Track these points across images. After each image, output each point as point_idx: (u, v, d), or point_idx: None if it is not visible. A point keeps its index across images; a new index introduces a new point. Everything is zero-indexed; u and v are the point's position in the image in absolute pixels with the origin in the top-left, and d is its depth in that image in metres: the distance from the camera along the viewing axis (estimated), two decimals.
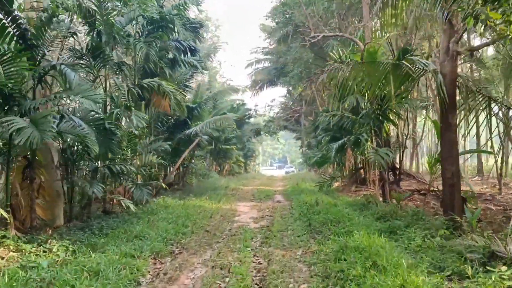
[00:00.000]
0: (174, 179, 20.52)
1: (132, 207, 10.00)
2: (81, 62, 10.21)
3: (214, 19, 56.41)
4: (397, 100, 9.43)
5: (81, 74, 11.90)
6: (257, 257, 7.44)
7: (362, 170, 17.25)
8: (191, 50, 17.72)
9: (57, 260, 6.76)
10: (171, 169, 18.28)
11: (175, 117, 18.43)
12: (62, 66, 8.07)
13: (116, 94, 13.03)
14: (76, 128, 8.26)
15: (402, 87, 8.89)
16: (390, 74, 7.90)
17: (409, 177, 17.78)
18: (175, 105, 14.83)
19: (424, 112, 21.96)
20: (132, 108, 11.30)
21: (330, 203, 12.27)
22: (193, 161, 23.80)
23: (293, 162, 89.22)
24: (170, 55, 16.60)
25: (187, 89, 19.54)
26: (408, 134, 16.09)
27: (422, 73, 7.98)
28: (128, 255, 7.31)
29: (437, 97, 8.10)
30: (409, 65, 7.75)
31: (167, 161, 18.99)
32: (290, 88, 38.59)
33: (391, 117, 12.02)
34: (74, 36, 10.11)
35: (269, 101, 45.59)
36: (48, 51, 9.44)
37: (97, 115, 9.34)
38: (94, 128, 9.11)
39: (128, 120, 11.22)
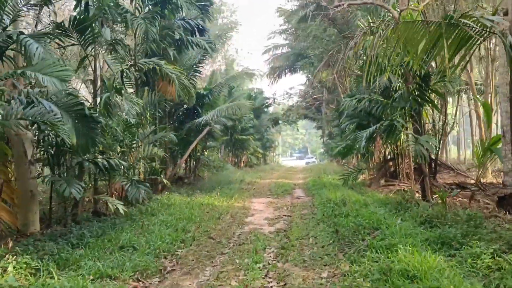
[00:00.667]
0: (185, 173, 18.92)
1: (121, 208, 8.35)
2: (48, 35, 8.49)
3: (230, 3, 54.19)
4: (451, 72, 7.46)
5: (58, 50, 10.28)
6: (269, 278, 5.69)
7: (392, 162, 15.28)
8: (199, 30, 15.95)
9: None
10: (179, 161, 16.62)
11: (185, 105, 16.75)
12: (22, 37, 6.40)
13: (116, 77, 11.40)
14: (46, 114, 6.60)
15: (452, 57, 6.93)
16: (442, 38, 5.98)
17: (446, 168, 15.71)
18: (180, 90, 13.10)
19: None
20: (124, 92, 9.60)
21: (359, 202, 10.42)
22: (205, 152, 22.18)
23: (314, 152, 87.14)
24: (176, 36, 14.86)
25: (197, 74, 17.81)
26: (445, 119, 14.04)
27: (485, 35, 6.02)
28: (104, 274, 5.69)
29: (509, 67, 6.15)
30: (469, 25, 5.82)
31: (177, 153, 17.39)
32: (310, 76, 36.57)
33: (430, 98, 10.04)
34: (50, 6, 8.42)
35: (288, 88, 43.63)
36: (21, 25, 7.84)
37: (74, 98, 7.66)
38: (72, 115, 7.47)
39: (119, 106, 9.54)
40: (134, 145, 11.40)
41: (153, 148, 11.38)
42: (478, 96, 19.26)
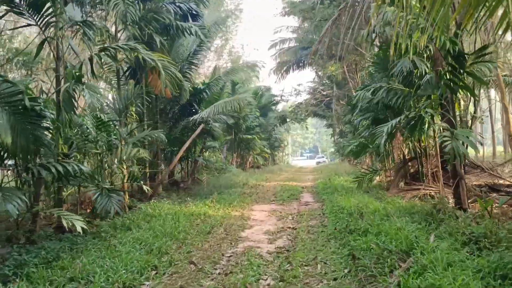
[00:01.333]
0: (181, 176, 17.21)
1: (79, 225, 6.59)
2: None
3: None
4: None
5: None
6: None
7: (413, 162, 13.39)
8: (193, 16, 14.24)
9: None
10: (171, 164, 14.87)
11: (181, 102, 15.02)
12: None
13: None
14: None
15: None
16: None
17: (475, 168, 13.76)
18: (168, 83, 11.36)
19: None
20: (85, 82, 7.87)
21: (379, 212, 8.57)
22: (205, 153, 20.47)
23: (324, 151, 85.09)
24: (166, 21, 13.11)
25: (193, 67, 16.07)
26: (475, 110, 12.09)
27: None
28: None
29: None
30: None
31: (171, 154, 15.68)
32: (319, 72, 34.71)
33: (465, 83, 8.13)
34: None
35: (296, 85, 41.74)
36: None
37: (12, 87, 5.93)
38: (6, 107, 5.76)
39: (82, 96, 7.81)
40: (111, 146, 9.67)
41: (134, 149, 9.59)
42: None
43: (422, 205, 9.05)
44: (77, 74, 7.27)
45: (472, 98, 11.11)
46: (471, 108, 12.63)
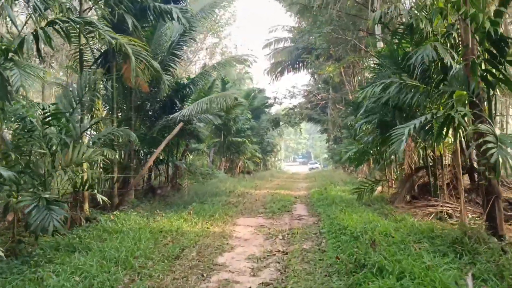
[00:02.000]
0: (159, 182, 15.40)
1: None
2: None
3: None
4: None
5: None
6: None
7: (422, 172, 11.71)
8: None
9: None
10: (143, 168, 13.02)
11: (160, 97, 13.24)
12: None
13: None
14: None
15: None
16: None
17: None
18: (140, 72, 9.63)
19: None
20: (19, 61, 6.05)
21: (391, 234, 6.85)
22: (189, 157, 18.67)
23: (318, 157, 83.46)
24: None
25: (176, 59, 14.30)
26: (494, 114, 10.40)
27: None
28: None
29: None
30: None
31: (145, 156, 13.87)
32: (315, 73, 33.05)
33: (507, 75, 6.43)
34: None
35: (291, 87, 40.03)
36: None
37: None
38: None
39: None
40: (64, 145, 7.85)
41: (90, 149, 7.75)
42: None
43: (442, 227, 7.33)
44: (4, 47, 5.47)
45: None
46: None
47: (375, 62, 13.59)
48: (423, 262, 4.97)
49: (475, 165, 9.78)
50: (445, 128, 6.44)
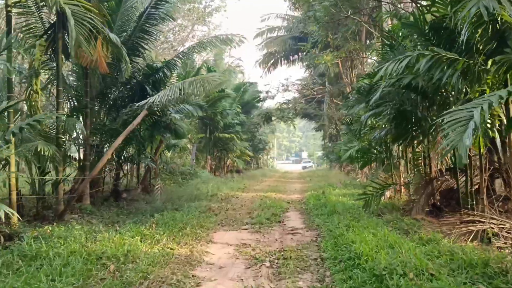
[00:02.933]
0: (128, 183, 13.04)
1: None
2: None
3: None
4: None
5: None
6: None
7: (445, 176, 9.45)
8: None
9: None
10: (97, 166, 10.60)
11: (120, 80, 10.87)
12: None
13: None
14: None
15: None
16: None
17: None
18: (84, 41, 7.25)
19: None
20: None
21: (429, 271, 4.57)
22: (166, 154, 16.31)
23: (311, 156, 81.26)
24: None
25: (146, 37, 11.94)
26: None
27: None
28: None
29: None
30: None
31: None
32: (311, 69, 30.75)
33: None
34: None
35: (284, 79, 37.72)
36: None
37: None
38: None
39: None
40: None
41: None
42: None
43: (499, 257, 5.03)
44: None
45: None
46: None
47: (384, 43, 11.28)
48: None
49: None
50: None
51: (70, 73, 12.51)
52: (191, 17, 29.69)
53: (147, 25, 11.70)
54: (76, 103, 11.32)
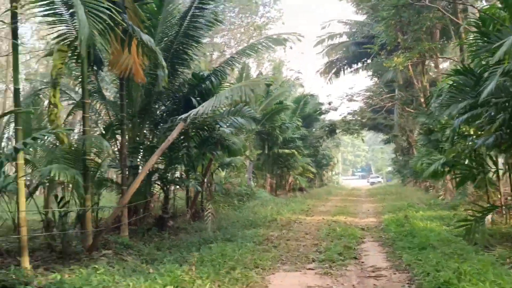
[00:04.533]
0: (175, 209, 11.57)
1: None
2: None
3: None
4: None
5: None
6: None
7: None
8: None
9: None
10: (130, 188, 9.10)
11: (157, 89, 9.43)
12: None
13: None
14: None
15: None
16: None
17: None
18: (101, 40, 5.81)
19: None
20: None
21: None
22: (220, 173, 14.78)
23: (380, 171, 77.15)
24: None
25: (193, 44, 10.51)
26: None
27: None
28: None
29: None
30: None
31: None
32: (378, 77, 28.29)
33: None
34: None
35: (348, 88, 35.45)
36: None
37: None
38: None
39: None
40: None
41: None
42: None
43: None
44: None
45: None
46: None
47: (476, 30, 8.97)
48: None
49: None
50: None
51: (111, 86, 11.34)
52: (248, 32, 28.57)
53: (192, 29, 10.27)
54: (116, 120, 10.06)
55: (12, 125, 8.92)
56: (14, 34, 6.01)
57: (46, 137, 5.68)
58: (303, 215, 14.34)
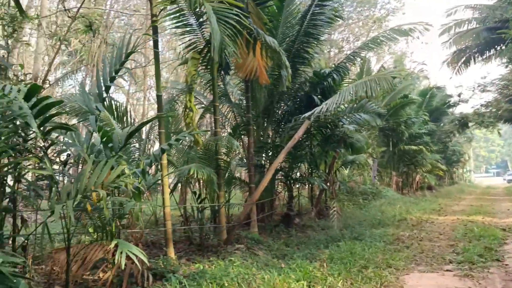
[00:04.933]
0: (300, 207, 11.72)
1: None
2: None
3: None
4: None
5: None
6: None
7: None
8: None
9: None
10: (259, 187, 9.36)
11: (280, 89, 9.63)
12: None
13: None
14: None
15: None
16: None
17: None
18: (229, 41, 6.13)
19: None
20: None
21: None
22: (343, 171, 14.59)
23: None
24: None
25: (313, 42, 10.58)
26: None
27: None
28: None
29: None
30: None
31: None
32: None
33: None
34: None
35: (481, 78, 32.42)
36: None
37: None
38: None
39: None
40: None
41: (119, 167, 4.46)
42: None
43: None
44: None
45: None
46: None
47: None
48: None
49: None
50: None
51: (238, 90, 11.90)
52: (366, 26, 27.83)
53: (312, 27, 10.32)
54: (241, 121, 10.55)
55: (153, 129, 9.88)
56: (155, 46, 6.64)
57: (185, 139, 6.12)
58: (435, 215, 13.49)
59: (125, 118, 8.95)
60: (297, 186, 11.83)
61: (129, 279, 5.51)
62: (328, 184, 11.74)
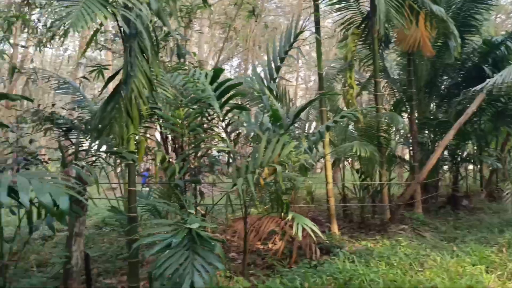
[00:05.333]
0: (467, 189, 10.84)
1: None
2: None
3: None
4: None
5: None
6: None
7: None
8: None
9: None
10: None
11: (447, 60, 8.91)
12: None
13: None
14: None
15: None
16: None
17: None
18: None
19: None
20: None
21: None
22: None
23: None
24: None
25: (481, 7, 9.56)
26: None
27: None
28: None
29: None
30: None
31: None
32: None
33: None
34: None
35: None
36: None
37: None
38: None
39: None
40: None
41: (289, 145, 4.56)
42: None
43: None
44: None
45: None
46: None
47: None
48: None
49: None
50: None
51: (395, 64, 11.39)
52: None
53: None
54: (402, 97, 10.09)
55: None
56: (317, 25, 6.69)
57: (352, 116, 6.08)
58: None
59: (283, 98, 9.25)
60: (464, 165, 10.91)
61: (297, 251, 5.79)
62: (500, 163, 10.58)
